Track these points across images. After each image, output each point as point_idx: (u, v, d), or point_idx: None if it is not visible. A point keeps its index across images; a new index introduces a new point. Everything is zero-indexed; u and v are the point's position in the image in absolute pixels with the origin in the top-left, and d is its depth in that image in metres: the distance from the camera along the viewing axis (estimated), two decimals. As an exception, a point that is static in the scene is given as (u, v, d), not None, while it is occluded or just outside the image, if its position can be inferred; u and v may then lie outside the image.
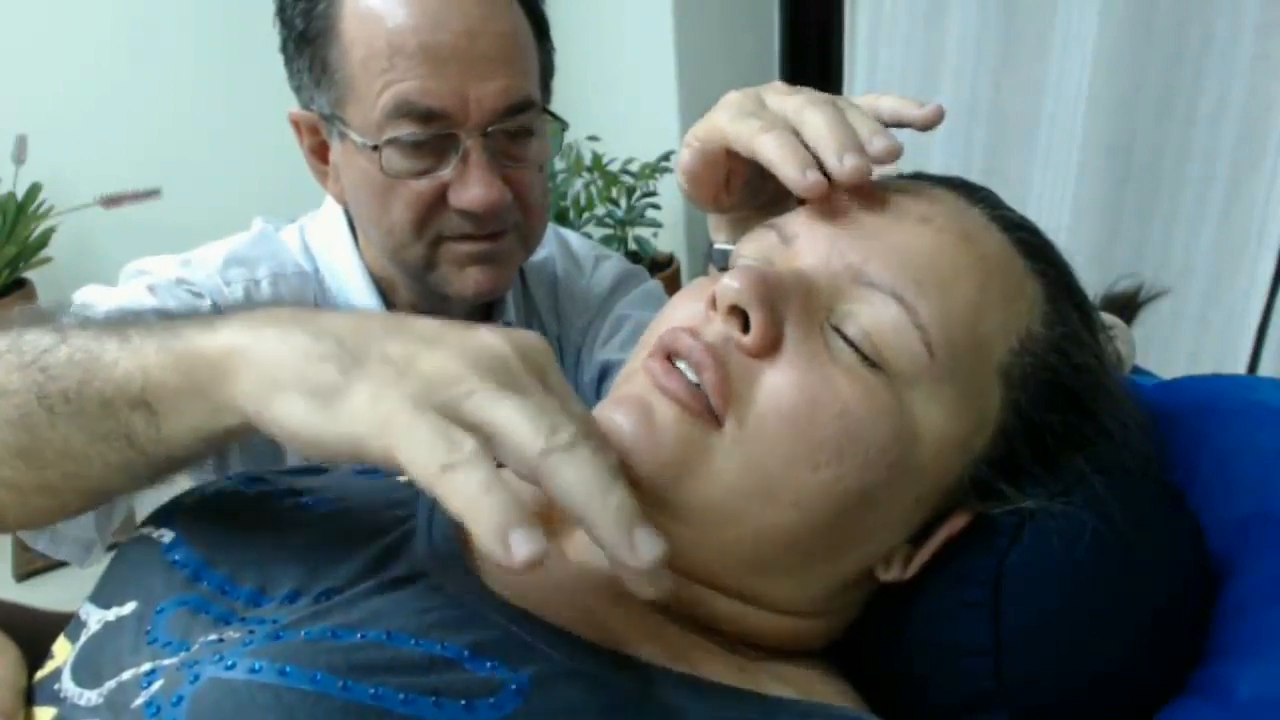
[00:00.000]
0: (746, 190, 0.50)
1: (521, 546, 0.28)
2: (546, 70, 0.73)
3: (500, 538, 0.28)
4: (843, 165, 0.40)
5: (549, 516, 0.45)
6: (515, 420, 0.31)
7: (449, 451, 0.29)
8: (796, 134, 0.43)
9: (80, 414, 0.37)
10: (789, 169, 0.41)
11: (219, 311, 0.71)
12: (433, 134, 0.65)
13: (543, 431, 0.31)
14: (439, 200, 0.68)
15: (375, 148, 0.65)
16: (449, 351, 0.33)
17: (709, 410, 0.38)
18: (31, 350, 0.39)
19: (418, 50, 0.63)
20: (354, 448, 0.31)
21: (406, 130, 0.64)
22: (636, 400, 0.39)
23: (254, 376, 0.33)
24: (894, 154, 0.42)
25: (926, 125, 0.45)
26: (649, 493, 0.39)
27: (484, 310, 0.82)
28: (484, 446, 0.30)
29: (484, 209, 0.67)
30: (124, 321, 0.39)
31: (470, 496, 0.29)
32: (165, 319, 0.39)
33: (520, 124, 0.68)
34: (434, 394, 0.31)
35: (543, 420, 0.31)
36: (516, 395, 0.32)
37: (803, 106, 0.43)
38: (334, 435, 0.31)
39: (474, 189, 0.66)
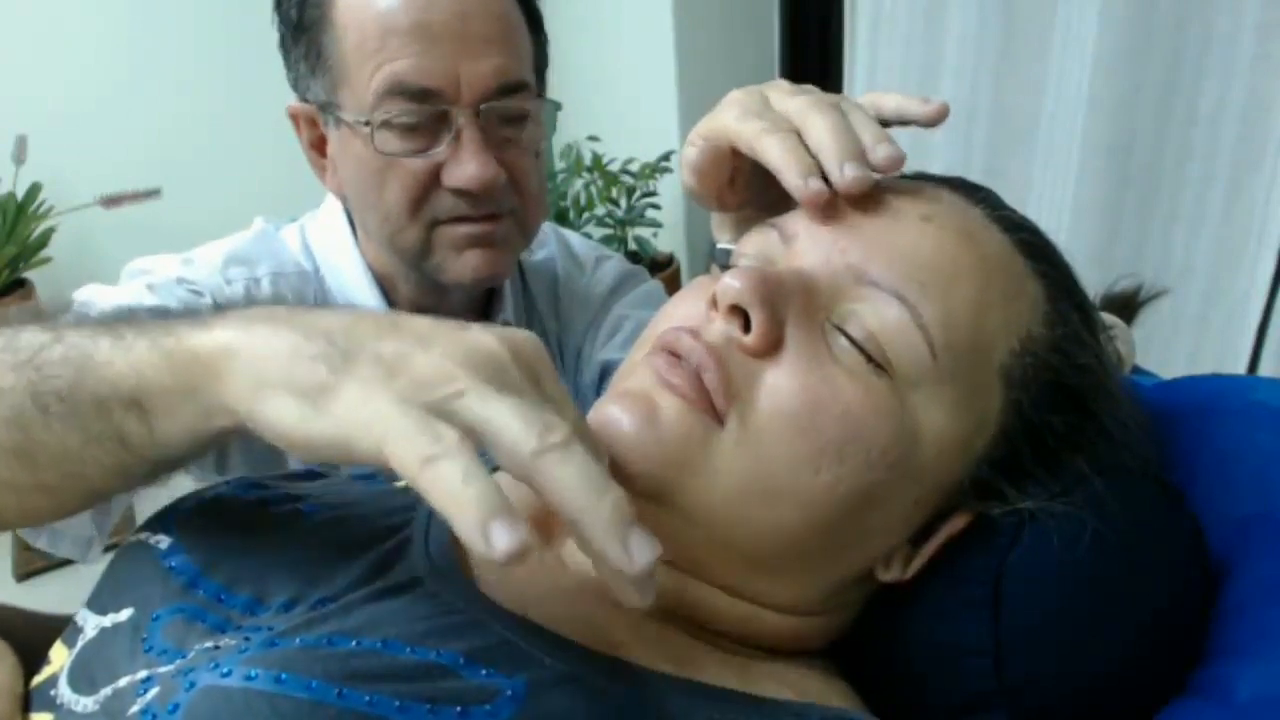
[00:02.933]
0: (750, 189, 0.50)
1: (502, 538, 0.27)
2: (540, 61, 0.73)
3: (480, 529, 0.27)
4: (844, 175, 0.41)
5: (546, 524, 0.45)
6: (507, 419, 0.30)
7: (430, 444, 0.28)
8: (801, 137, 0.43)
9: (74, 414, 0.36)
10: (791, 175, 0.41)
11: (219, 309, 0.71)
12: (426, 112, 0.65)
13: (535, 430, 0.30)
14: (433, 181, 0.68)
15: (367, 123, 0.65)
16: (442, 350, 0.32)
17: (712, 407, 0.38)
18: (27, 349, 0.38)
19: (409, 29, 0.63)
20: (343, 448, 0.30)
21: (399, 108, 0.65)
22: (639, 396, 0.39)
23: (244, 376, 0.33)
24: (896, 163, 0.42)
25: (931, 122, 0.45)
26: (651, 490, 0.39)
27: (483, 306, 0.82)
28: (468, 439, 0.29)
29: (478, 186, 0.66)
30: (119, 319, 0.39)
31: (450, 489, 0.28)
32: (160, 316, 0.39)
33: (513, 104, 0.68)
34: (424, 394, 0.30)
35: (535, 419, 0.30)
36: (509, 395, 0.31)
37: (806, 109, 0.43)
38: (323, 436, 0.31)
39: (468, 166, 0.66)
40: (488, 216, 0.70)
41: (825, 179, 0.41)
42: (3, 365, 0.38)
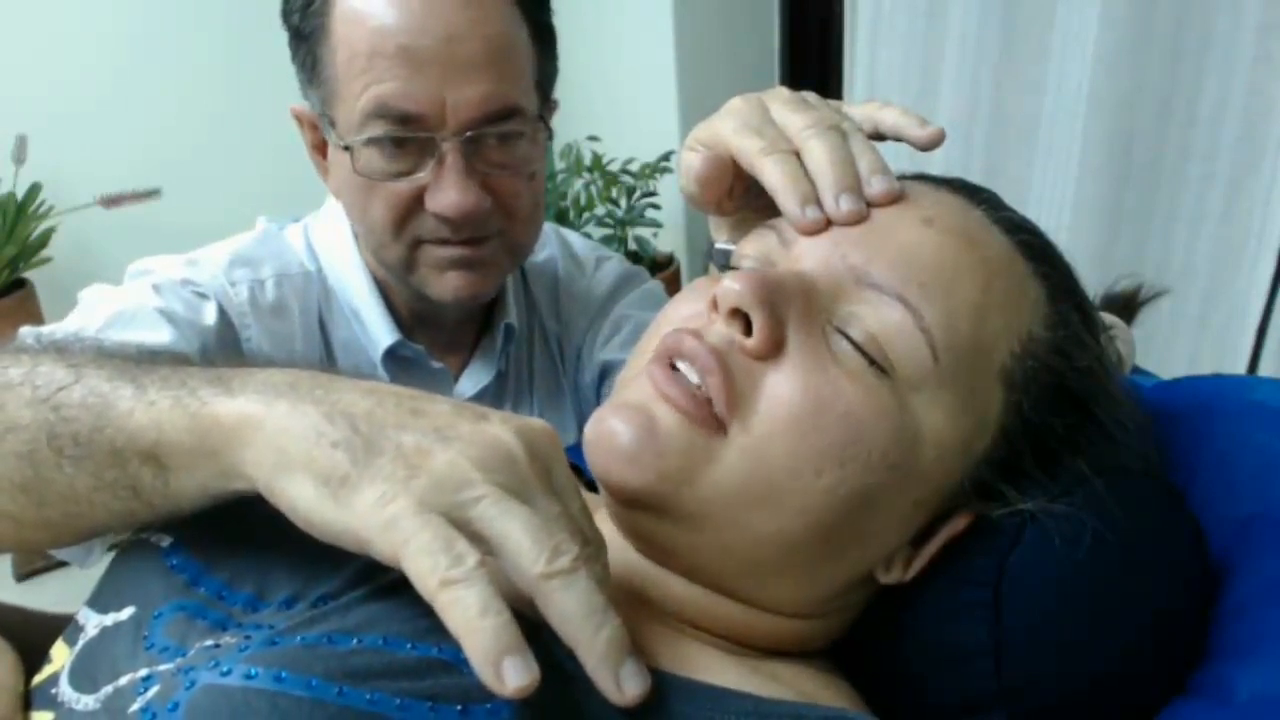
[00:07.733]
0: (748, 195, 0.50)
1: (513, 675, 0.29)
2: (545, 79, 0.72)
3: (493, 665, 0.29)
4: (839, 207, 0.41)
5: None
6: (519, 538, 0.32)
7: (449, 566, 0.30)
8: (799, 158, 0.43)
9: (88, 459, 0.37)
10: (789, 202, 0.42)
11: (224, 314, 0.71)
12: (409, 137, 0.65)
13: (545, 553, 0.32)
14: (417, 202, 0.67)
15: (348, 148, 0.65)
16: (460, 448, 0.33)
17: (713, 417, 0.38)
18: (46, 386, 0.39)
19: (396, 53, 0.62)
20: (360, 543, 0.32)
21: (382, 131, 0.64)
22: (638, 408, 0.39)
23: (266, 450, 0.34)
24: (891, 197, 0.42)
25: (926, 146, 0.46)
26: (650, 501, 0.39)
27: (484, 311, 0.82)
28: (485, 560, 0.31)
29: (458, 214, 0.66)
30: (139, 364, 0.40)
31: (466, 617, 0.30)
32: (181, 366, 0.39)
33: (502, 131, 0.67)
34: (443, 497, 0.32)
35: (546, 541, 0.32)
36: (523, 507, 0.32)
37: (806, 132, 0.43)
38: (341, 527, 0.32)
39: (449, 194, 0.65)
40: (471, 240, 0.69)
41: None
42: (20, 399, 0.39)
